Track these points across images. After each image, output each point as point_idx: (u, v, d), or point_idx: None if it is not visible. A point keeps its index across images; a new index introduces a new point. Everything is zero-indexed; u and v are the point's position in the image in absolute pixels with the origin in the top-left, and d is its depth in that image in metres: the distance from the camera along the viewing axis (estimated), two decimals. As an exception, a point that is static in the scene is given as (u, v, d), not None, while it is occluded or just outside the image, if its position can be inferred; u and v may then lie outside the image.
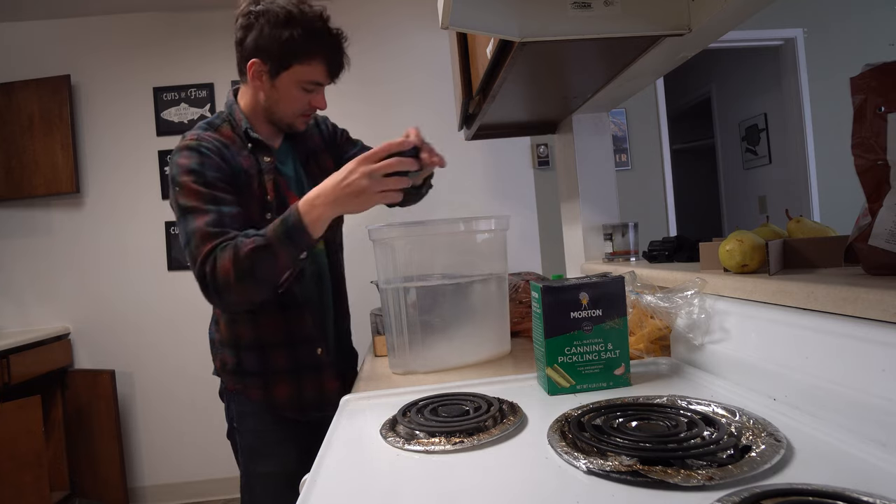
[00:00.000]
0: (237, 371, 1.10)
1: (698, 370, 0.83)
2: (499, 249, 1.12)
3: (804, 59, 3.19)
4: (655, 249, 1.24)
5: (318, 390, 1.12)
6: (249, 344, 1.09)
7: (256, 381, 1.09)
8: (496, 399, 0.73)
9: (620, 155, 3.04)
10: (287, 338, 1.10)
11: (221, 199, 0.97)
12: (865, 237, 0.61)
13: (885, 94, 0.58)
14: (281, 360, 1.09)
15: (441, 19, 0.79)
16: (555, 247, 2.92)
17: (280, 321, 1.09)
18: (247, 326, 1.09)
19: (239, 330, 1.09)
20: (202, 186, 0.96)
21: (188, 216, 0.95)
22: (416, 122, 2.83)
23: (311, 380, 1.12)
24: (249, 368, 1.09)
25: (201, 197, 0.95)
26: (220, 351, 1.13)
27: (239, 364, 1.09)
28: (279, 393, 1.10)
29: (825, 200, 3.20)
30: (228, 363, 1.11)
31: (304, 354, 1.11)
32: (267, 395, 1.09)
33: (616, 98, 1.35)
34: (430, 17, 2.85)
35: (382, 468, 0.59)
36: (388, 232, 1.04)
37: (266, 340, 1.09)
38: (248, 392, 1.10)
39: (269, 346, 1.09)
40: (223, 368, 1.12)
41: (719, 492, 0.44)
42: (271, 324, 1.09)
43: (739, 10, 0.84)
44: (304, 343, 1.11)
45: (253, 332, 1.09)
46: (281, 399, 1.10)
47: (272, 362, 1.09)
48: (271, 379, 1.09)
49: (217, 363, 1.15)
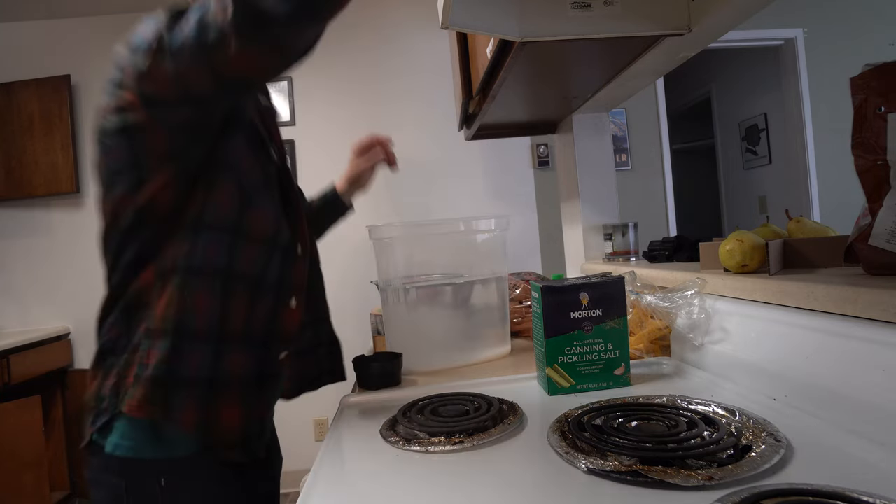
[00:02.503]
0: (164, 379, 0.68)
1: (698, 370, 0.83)
2: (499, 249, 1.12)
3: (804, 59, 3.19)
4: (655, 249, 1.24)
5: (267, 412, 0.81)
6: (202, 331, 0.70)
7: (194, 397, 0.69)
8: (496, 399, 0.73)
9: (620, 155, 3.04)
10: (260, 330, 0.76)
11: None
12: (865, 237, 0.61)
13: (885, 94, 0.58)
14: (239, 362, 0.73)
15: (441, 19, 0.79)
16: (555, 247, 2.92)
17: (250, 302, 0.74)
18: (210, 298, 0.71)
19: (196, 301, 0.70)
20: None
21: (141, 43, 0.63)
22: (416, 121, 2.85)
23: (270, 396, 0.81)
24: (189, 374, 0.69)
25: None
26: (140, 346, 0.69)
27: (172, 366, 0.68)
28: (228, 417, 0.71)
29: (825, 200, 3.20)
30: (150, 367, 0.68)
31: (274, 358, 0.79)
32: (207, 421, 0.70)
33: (616, 98, 1.35)
34: (430, 16, 2.86)
35: (382, 468, 0.59)
36: (388, 232, 1.04)
37: (229, 330, 0.72)
38: (173, 417, 0.68)
39: (230, 339, 0.73)
40: (135, 380, 0.68)
41: (719, 492, 0.44)
42: (242, 306, 0.73)
43: (739, 10, 0.84)
44: (280, 342, 0.79)
45: (215, 312, 0.71)
46: (227, 428, 0.72)
47: (226, 366, 0.72)
48: (219, 394, 0.71)
49: (114, 377, 0.70)
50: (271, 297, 0.77)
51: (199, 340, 0.71)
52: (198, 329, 0.70)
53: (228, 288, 0.72)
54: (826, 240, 0.81)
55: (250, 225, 0.74)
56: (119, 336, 0.72)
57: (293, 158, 2.83)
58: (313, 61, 2.81)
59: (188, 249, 0.70)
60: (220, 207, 0.71)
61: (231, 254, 0.72)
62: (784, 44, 3.24)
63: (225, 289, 0.72)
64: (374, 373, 0.95)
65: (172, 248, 0.70)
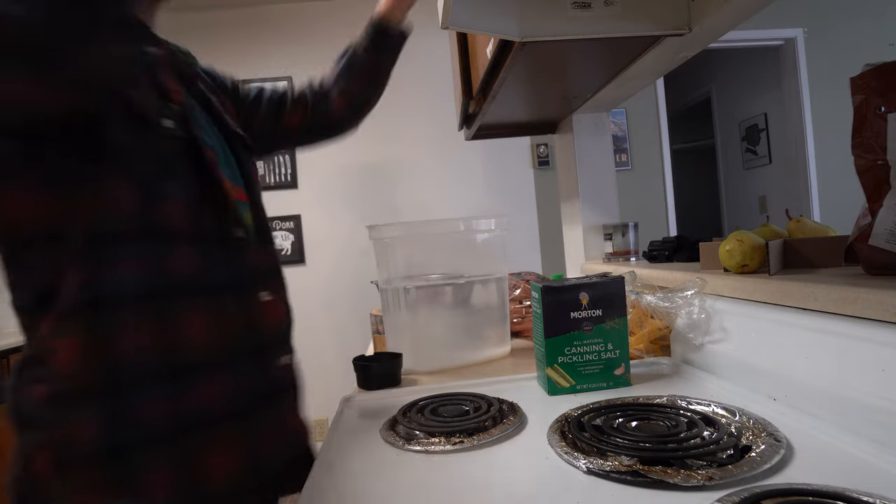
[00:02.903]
0: (117, 448, 0.52)
1: (698, 370, 0.83)
2: (499, 249, 1.12)
3: (804, 59, 3.20)
4: (655, 249, 1.24)
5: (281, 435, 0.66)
6: (147, 372, 0.54)
7: (162, 456, 0.54)
8: (496, 399, 0.73)
9: (620, 155, 3.04)
10: (235, 343, 0.61)
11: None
12: (865, 237, 0.61)
13: (885, 94, 0.58)
14: (212, 392, 0.58)
15: (441, 19, 0.79)
16: (555, 247, 2.93)
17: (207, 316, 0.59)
18: (142, 330, 0.54)
19: (124, 340, 0.53)
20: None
21: None
22: (416, 121, 2.85)
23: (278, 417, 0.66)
24: (146, 431, 0.53)
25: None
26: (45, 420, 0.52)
27: (119, 429, 0.52)
28: (218, 463, 0.57)
29: (825, 200, 3.21)
30: (84, 442, 0.51)
31: (272, 367, 0.65)
32: (190, 477, 0.55)
33: (616, 98, 1.35)
34: (430, 16, 2.86)
35: (382, 468, 0.59)
36: (388, 232, 1.04)
37: (187, 359, 0.57)
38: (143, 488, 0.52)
39: (191, 369, 0.57)
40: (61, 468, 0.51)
41: (719, 492, 0.44)
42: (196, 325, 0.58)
43: (739, 10, 0.84)
44: (272, 346, 0.65)
45: (157, 345, 0.55)
46: (220, 473, 0.57)
47: (194, 401, 0.56)
48: (197, 440, 0.56)
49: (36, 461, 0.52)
50: (232, 300, 0.61)
51: (146, 384, 0.54)
52: (140, 372, 0.53)
53: (168, 306, 0.55)
54: (826, 240, 0.81)
55: (166, 222, 0.57)
56: (15, 406, 0.54)
57: (292, 157, 2.83)
58: (313, 61, 2.81)
59: (89, 275, 0.52)
60: (116, 211, 0.53)
61: (157, 263, 0.55)
62: (784, 44, 3.24)
63: (163, 310, 0.55)
64: (374, 373, 0.95)
65: (66, 279, 0.51)
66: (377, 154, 2.88)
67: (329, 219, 2.86)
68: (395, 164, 2.89)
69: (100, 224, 0.53)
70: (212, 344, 0.58)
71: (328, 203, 2.87)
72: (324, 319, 2.83)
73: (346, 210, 2.86)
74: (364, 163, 2.87)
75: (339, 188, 2.87)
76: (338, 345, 2.82)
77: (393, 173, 2.89)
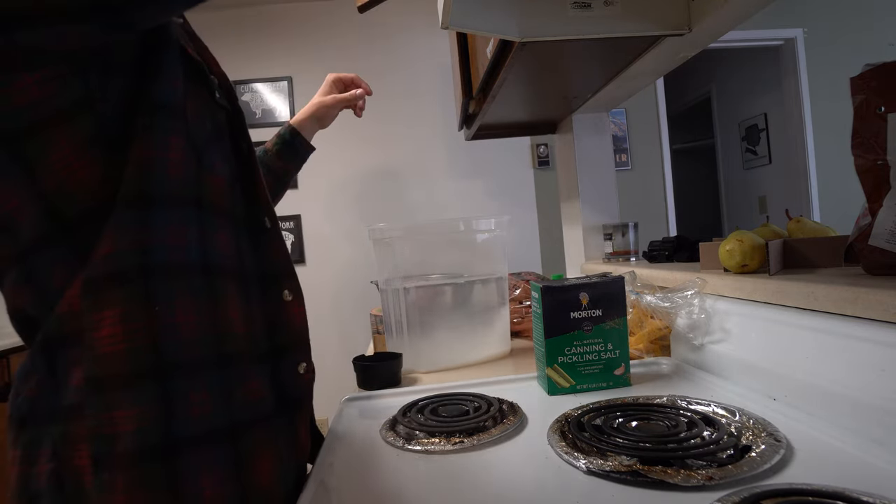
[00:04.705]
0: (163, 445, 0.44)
1: (698, 370, 0.83)
2: (499, 249, 1.12)
3: (804, 59, 3.20)
4: (655, 249, 1.24)
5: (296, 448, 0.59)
6: (197, 357, 0.47)
7: (214, 461, 0.47)
8: (496, 399, 0.73)
9: (620, 155, 3.04)
10: (265, 339, 0.56)
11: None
12: (865, 237, 0.62)
13: (885, 94, 0.58)
14: (255, 389, 0.52)
15: (441, 19, 0.79)
16: (555, 247, 2.93)
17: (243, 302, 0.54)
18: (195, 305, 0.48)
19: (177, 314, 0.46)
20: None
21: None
22: (416, 121, 2.86)
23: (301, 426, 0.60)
24: (198, 426, 0.46)
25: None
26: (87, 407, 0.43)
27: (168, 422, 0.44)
28: (262, 473, 0.51)
29: (825, 200, 3.21)
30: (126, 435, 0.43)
31: (290, 373, 0.58)
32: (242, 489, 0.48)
33: (616, 98, 1.35)
34: (429, 16, 2.86)
35: (382, 468, 0.59)
36: (388, 232, 1.04)
37: (234, 347, 0.51)
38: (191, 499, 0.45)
39: (238, 359, 0.51)
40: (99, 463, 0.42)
41: (719, 492, 0.44)
42: (236, 308, 0.52)
43: (739, 10, 0.84)
44: (292, 350, 0.59)
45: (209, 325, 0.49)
46: (265, 481, 0.51)
47: (242, 398, 0.50)
48: (246, 442, 0.50)
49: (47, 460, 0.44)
50: (258, 292, 0.56)
51: (197, 371, 0.47)
52: (190, 356, 0.46)
53: (215, 285, 0.50)
54: (826, 240, 0.81)
55: (211, 196, 0.51)
56: (38, 394, 0.46)
57: (293, 158, 2.83)
58: (314, 61, 2.82)
59: (139, 239, 0.45)
60: (172, 171, 0.47)
61: (204, 237, 0.50)
62: (784, 44, 3.25)
63: (211, 287, 0.49)
64: (374, 373, 0.95)
65: (109, 243, 0.44)
66: (377, 154, 2.88)
67: (329, 219, 2.87)
68: (395, 164, 2.89)
69: (151, 184, 0.46)
70: (251, 336, 0.53)
71: (328, 203, 2.87)
72: (324, 319, 2.83)
73: (347, 210, 2.87)
74: (364, 163, 2.88)
75: (340, 188, 2.87)
76: (338, 345, 2.82)
77: (393, 173, 2.89)
